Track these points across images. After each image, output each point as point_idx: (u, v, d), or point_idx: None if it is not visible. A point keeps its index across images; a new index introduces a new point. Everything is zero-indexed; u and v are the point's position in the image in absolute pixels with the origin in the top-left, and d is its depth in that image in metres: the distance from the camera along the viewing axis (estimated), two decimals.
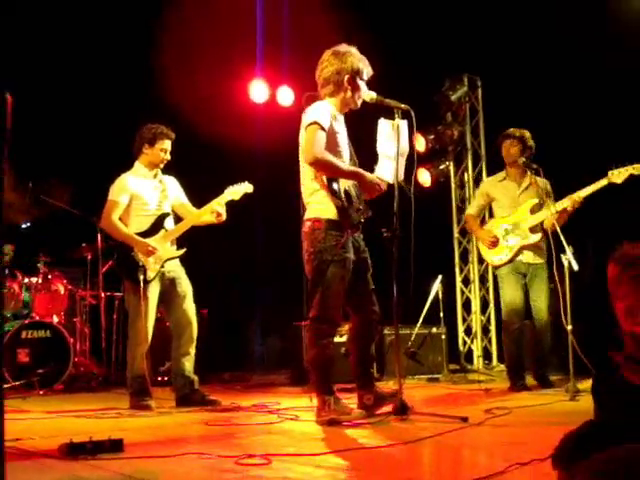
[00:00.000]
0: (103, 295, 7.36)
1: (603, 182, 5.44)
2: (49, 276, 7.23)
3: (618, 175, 5.38)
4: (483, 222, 6.39)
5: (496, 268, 6.05)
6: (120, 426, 4.23)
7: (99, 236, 7.12)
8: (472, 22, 8.05)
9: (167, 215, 5.47)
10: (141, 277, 5.13)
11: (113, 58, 7.99)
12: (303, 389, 5.81)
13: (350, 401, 4.49)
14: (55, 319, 7.08)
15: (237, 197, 5.43)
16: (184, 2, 7.67)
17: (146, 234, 5.33)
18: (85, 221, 7.06)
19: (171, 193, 5.57)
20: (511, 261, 5.90)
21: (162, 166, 5.52)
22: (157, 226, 5.39)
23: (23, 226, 7.42)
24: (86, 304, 7.58)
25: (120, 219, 5.36)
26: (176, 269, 5.43)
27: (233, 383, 7.25)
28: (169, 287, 5.36)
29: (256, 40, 8.36)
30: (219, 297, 8.10)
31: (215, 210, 5.35)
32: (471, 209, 6.39)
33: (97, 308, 7.38)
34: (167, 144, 5.45)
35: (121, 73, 8.07)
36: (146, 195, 5.41)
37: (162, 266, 5.31)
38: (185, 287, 5.41)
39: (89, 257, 7.42)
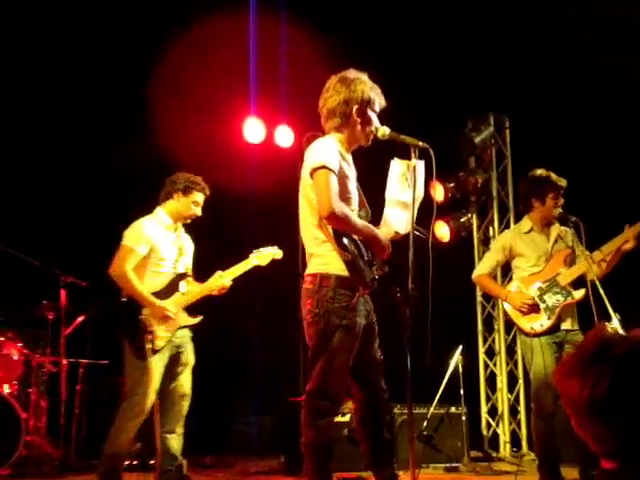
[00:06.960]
0: (65, 362, 6.75)
1: None
2: (1, 338, 6.55)
3: None
4: None
5: (535, 336, 5.14)
6: None
7: (63, 292, 6.58)
8: (499, 55, 7.62)
9: (183, 276, 5.10)
10: (149, 346, 4.75)
11: (105, 97, 7.76)
12: (297, 478, 5.41)
13: None
14: (6, 389, 6.40)
15: (264, 263, 5.15)
16: (175, 39, 7.36)
17: (158, 296, 4.89)
18: (48, 274, 6.55)
19: (187, 253, 5.23)
20: (555, 327, 5.10)
21: (188, 221, 5.20)
22: (172, 288, 4.99)
23: None
24: (44, 372, 6.86)
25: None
26: (184, 336, 5.06)
27: (215, 469, 6.74)
28: (174, 356, 4.99)
29: (249, 74, 8.06)
30: (202, 367, 7.49)
31: (225, 279, 5.05)
32: (483, 268, 5.51)
33: (57, 377, 6.77)
34: (201, 198, 5.13)
35: (112, 113, 7.84)
36: (164, 249, 5.01)
37: (173, 335, 4.94)
38: (189, 356, 5.04)
39: (50, 317, 6.74)
